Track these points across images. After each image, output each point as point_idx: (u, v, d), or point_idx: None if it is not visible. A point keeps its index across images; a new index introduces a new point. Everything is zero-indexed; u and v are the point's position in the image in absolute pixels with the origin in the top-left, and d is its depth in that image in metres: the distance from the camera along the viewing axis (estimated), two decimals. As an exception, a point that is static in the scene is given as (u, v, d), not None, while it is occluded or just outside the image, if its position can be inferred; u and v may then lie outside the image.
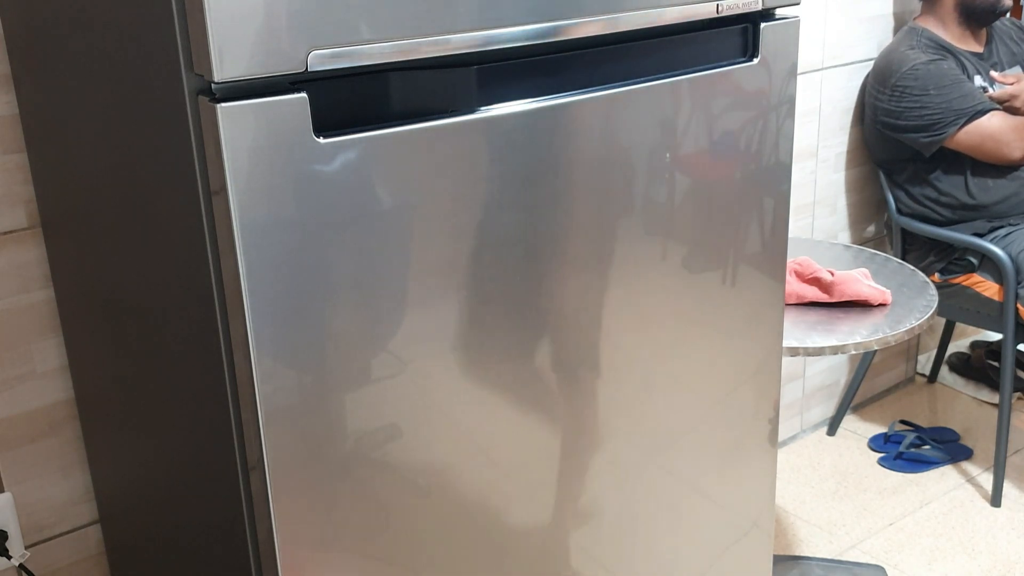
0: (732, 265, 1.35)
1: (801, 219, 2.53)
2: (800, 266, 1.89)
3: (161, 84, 0.95)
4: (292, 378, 1.00)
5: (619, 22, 1.13)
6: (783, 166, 1.37)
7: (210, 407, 1.06)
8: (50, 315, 1.47)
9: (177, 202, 0.99)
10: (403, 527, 1.13)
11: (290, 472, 1.03)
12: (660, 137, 1.21)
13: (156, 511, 1.33)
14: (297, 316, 0.98)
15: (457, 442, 1.14)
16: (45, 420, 1.51)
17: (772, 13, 1.30)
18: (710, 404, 1.39)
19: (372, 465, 1.08)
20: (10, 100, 1.37)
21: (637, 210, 1.22)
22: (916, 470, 2.56)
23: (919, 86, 2.30)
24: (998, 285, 2.33)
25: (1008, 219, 2.38)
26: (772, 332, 1.44)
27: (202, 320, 1.02)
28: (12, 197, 1.41)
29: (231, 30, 0.87)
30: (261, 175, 0.93)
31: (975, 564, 2.21)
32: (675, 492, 1.40)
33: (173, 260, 1.04)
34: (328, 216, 0.97)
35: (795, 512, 2.42)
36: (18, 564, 1.52)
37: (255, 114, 0.91)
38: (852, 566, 2.18)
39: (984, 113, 2.27)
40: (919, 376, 3.02)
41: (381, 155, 0.99)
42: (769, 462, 1.52)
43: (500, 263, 1.11)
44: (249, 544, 1.08)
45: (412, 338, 1.07)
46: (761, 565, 1.57)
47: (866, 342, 1.71)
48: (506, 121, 1.07)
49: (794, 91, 1.34)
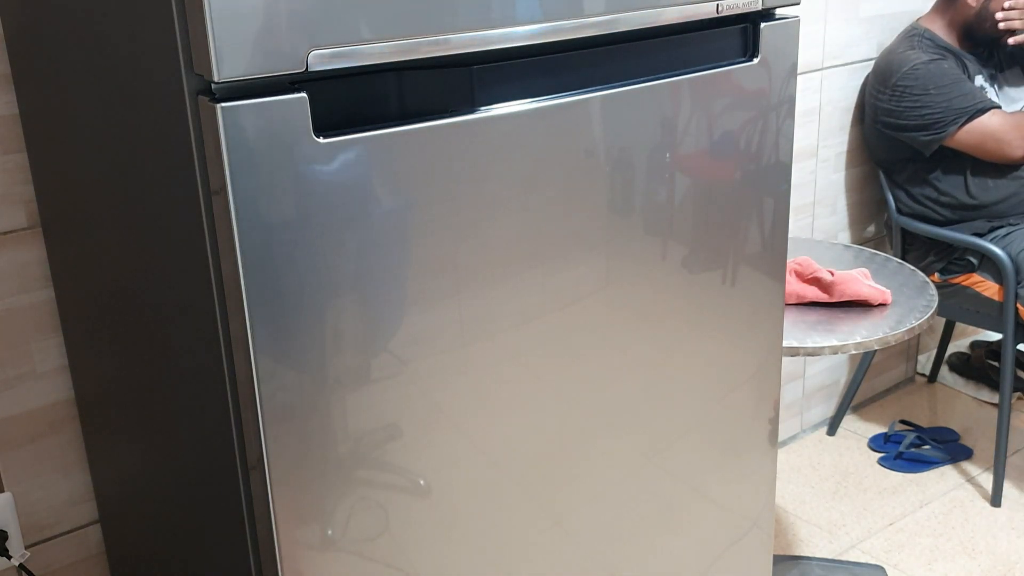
0: (732, 265, 1.35)
1: (801, 219, 2.53)
2: (800, 266, 1.89)
3: (161, 84, 0.95)
4: (292, 378, 1.00)
5: (619, 22, 1.13)
6: (783, 166, 1.37)
7: (210, 407, 1.06)
8: (50, 315, 1.47)
9: (177, 202, 0.99)
10: (403, 527, 1.13)
11: (290, 472, 1.03)
12: (660, 137, 1.22)
13: (156, 511, 1.33)
14: (297, 316, 0.98)
15: (457, 442, 1.14)
16: (45, 420, 1.51)
17: (772, 13, 1.30)
18: (710, 404, 1.39)
19: (372, 465, 1.08)
20: (10, 100, 1.37)
21: (637, 210, 1.22)
22: (916, 470, 2.56)
23: (919, 86, 2.30)
24: (998, 285, 2.33)
25: (1008, 219, 2.38)
26: (772, 332, 1.44)
27: (202, 320, 1.02)
28: (12, 197, 1.41)
29: (231, 30, 0.87)
30: (261, 175, 0.93)
31: (975, 564, 2.21)
32: (675, 492, 1.40)
33: (173, 260, 1.04)
34: (328, 216, 0.98)
35: (795, 512, 2.42)
36: (18, 564, 1.52)
37: (255, 114, 0.91)
38: (852, 566, 2.18)
39: (984, 112, 2.27)
40: (919, 376, 3.02)
41: (381, 155, 0.99)
42: (769, 462, 1.52)
43: (499, 263, 1.11)
44: (249, 544, 1.08)
45: (412, 338, 1.07)
46: (761, 565, 1.57)
47: (866, 342, 1.71)
48: (506, 121, 1.07)
49: (794, 91, 1.34)
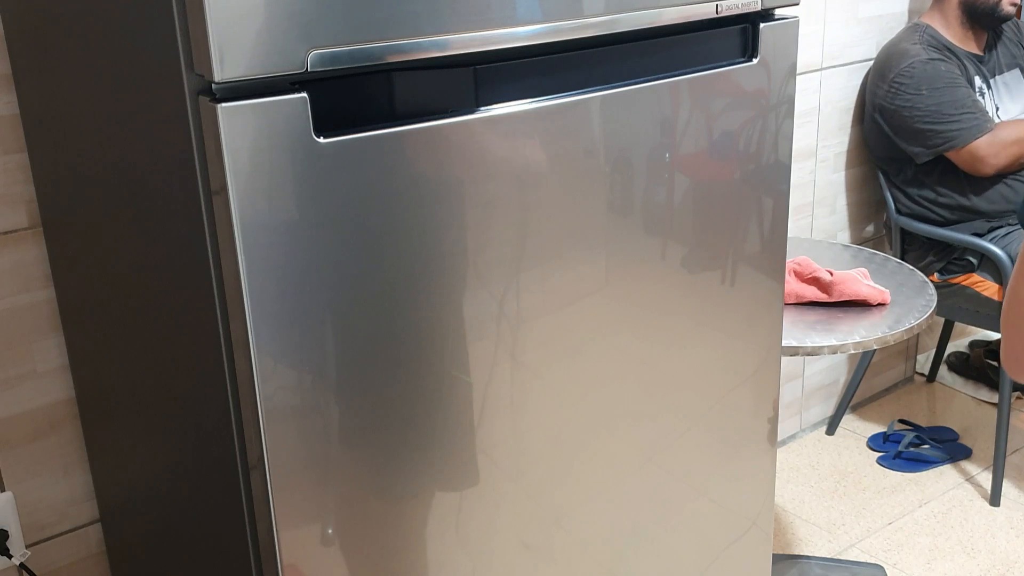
0: (731, 265, 1.35)
1: (800, 219, 2.54)
2: (799, 266, 1.89)
3: (161, 84, 0.95)
4: (292, 378, 1.00)
5: (619, 22, 1.13)
6: (782, 166, 1.37)
7: (210, 407, 1.06)
8: (51, 315, 1.47)
9: (177, 202, 0.99)
10: (402, 527, 1.13)
11: (290, 472, 1.03)
12: (660, 137, 1.22)
13: (157, 510, 1.33)
14: (297, 316, 0.99)
15: (456, 442, 1.14)
16: (46, 420, 1.51)
17: (771, 13, 1.31)
18: (709, 403, 1.40)
19: (372, 465, 1.08)
20: (10, 100, 1.37)
21: (636, 210, 1.22)
22: (915, 469, 2.56)
23: (913, 84, 2.30)
24: (997, 285, 2.33)
25: (1007, 219, 2.38)
26: (771, 331, 1.44)
27: (202, 320, 1.02)
28: (12, 197, 1.41)
29: (231, 30, 0.87)
30: (261, 175, 0.93)
31: (974, 563, 2.21)
32: (674, 491, 1.40)
33: (173, 260, 1.04)
34: (328, 216, 0.98)
35: (794, 511, 2.42)
36: (19, 563, 1.52)
37: (255, 114, 0.91)
38: (851, 565, 2.18)
39: (966, 143, 2.28)
40: (918, 375, 3.03)
41: (381, 155, 0.99)
42: (768, 461, 1.52)
43: (499, 263, 1.11)
44: (249, 543, 1.08)
45: (412, 337, 1.07)
46: (760, 564, 1.57)
47: (865, 341, 1.71)
48: (506, 121, 1.08)
49: (793, 91, 1.35)
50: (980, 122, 2.28)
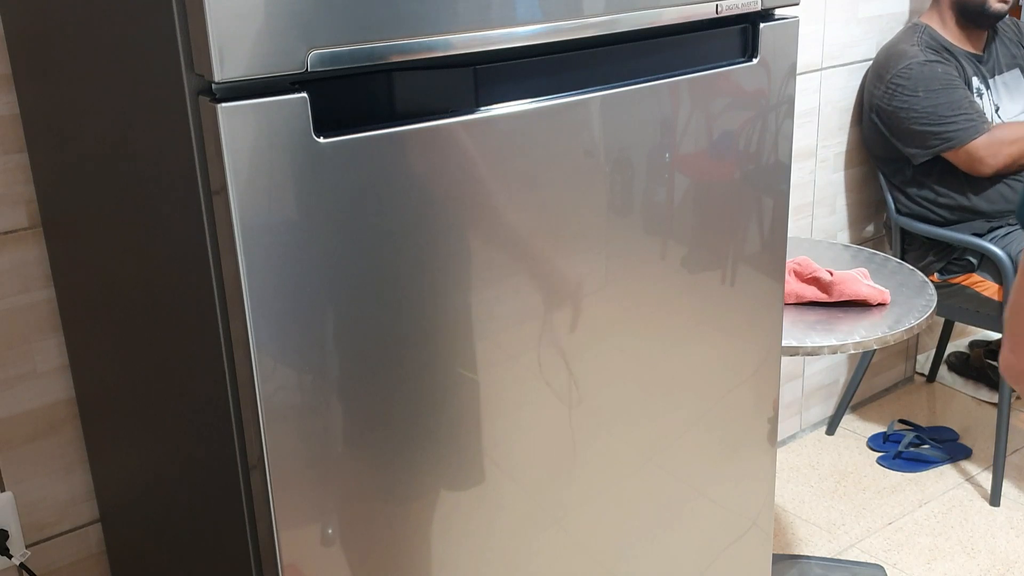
0: (731, 265, 1.35)
1: (800, 219, 2.54)
2: (799, 266, 1.89)
3: (161, 84, 0.95)
4: (292, 378, 1.00)
5: (619, 22, 1.14)
6: (782, 166, 1.37)
7: (210, 407, 1.06)
8: (51, 315, 1.47)
9: (177, 202, 0.99)
10: (402, 527, 1.13)
11: (290, 472, 1.03)
12: (660, 137, 1.22)
13: (157, 510, 1.33)
14: (297, 316, 0.99)
15: (456, 442, 1.14)
16: (46, 420, 1.51)
17: (771, 13, 1.31)
18: (709, 403, 1.40)
19: (372, 465, 1.08)
20: (10, 100, 1.38)
21: (636, 210, 1.22)
22: (915, 469, 2.56)
23: (910, 86, 2.30)
24: (997, 285, 2.33)
25: (1007, 219, 2.38)
26: (771, 331, 1.44)
27: (202, 320, 1.02)
28: (12, 197, 1.41)
29: (231, 30, 0.87)
30: (261, 175, 0.93)
31: (974, 563, 2.21)
32: (674, 491, 1.40)
33: (173, 260, 1.04)
34: (328, 216, 0.98)
35: (794, 511, 2.42)
36: (19, 563, 1.52)
37: (255, 114, 0.91)
38: (851, 565, 2.18)
39: (963, 143, 2.28)
40: (918, 375, 3.03)
41: (381, 155, 0.99)
42: (768, 461, 1.52)
43: (499, 263, 1.11)
44: (250, 543, 1.08)
45: (412, 337, 1.07)
46: (760, 564, 1.57)
47: (865, 341, 1.71)
48: (506, 121, 1.08)
49: (793, 91, 1.35)
50: (976, 124, 2.28)
